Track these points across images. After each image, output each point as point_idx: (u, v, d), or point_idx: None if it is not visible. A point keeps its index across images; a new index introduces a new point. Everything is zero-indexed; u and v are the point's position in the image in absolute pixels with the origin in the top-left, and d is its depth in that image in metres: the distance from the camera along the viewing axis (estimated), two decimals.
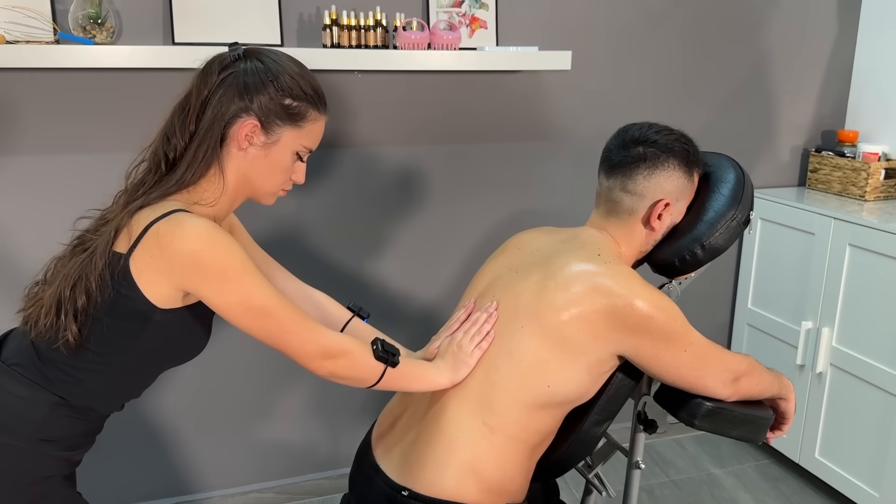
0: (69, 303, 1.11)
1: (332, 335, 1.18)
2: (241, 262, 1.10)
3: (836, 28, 2.61)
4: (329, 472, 2.42)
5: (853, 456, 2.25)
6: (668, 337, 1.21)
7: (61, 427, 1.18)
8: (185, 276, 1.08)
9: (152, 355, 1.19)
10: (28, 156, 1.91)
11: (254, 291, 1.11)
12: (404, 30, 1.97)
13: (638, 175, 1.32)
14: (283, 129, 1.18)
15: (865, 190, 2.43)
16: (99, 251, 1.11)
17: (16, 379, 1.15)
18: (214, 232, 1.09)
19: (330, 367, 1.17)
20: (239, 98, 1.14)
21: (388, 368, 1.22)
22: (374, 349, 1.22)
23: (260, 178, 1.20)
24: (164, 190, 1.14)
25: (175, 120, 1.17)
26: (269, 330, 1.13)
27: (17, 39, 1.75)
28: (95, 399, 1.20)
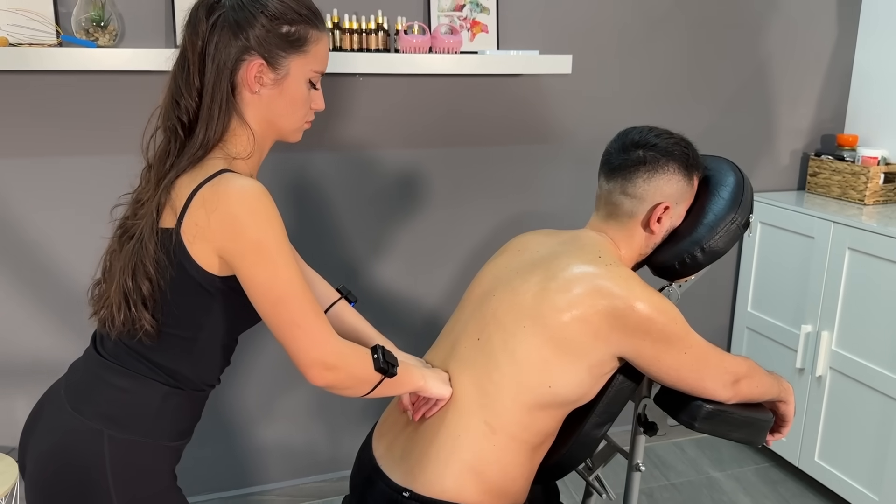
0: (134, 293, 1.09)
1: (338, 344, 1.12)
2: (277, 239, 1.06)
3: (836, 32, 2.62)
4: (330, 474, 2.43)
5: (853, 459, 2.25)
6: (668, 339, 1.22)
7: (173, 416, 1.17)
8: (224, 241, 1.05)
9: (228, 322, 1.17)
10: (31, 158, 1.92)
11: (281, 273, 1.06)
12: (406, 33, 1.98)
13: (638, 178, 1.33)
14: (289, 60, 1.12)
15: (865, 194, 2.44)
16: (146, 234, 1.08)
17: (121, 374, 1.14)
18: (261, 198, 1.05)
19: (329, 378, 1.11)
20: (234, 38, 1.08)
21: (385, 378, 1.19)
22: (374, 359, 1.17)
23: (282, 117, 1.16)
24: (192, 155, 1.09)
25: (178, 81, 1.11)
26: (282, 319, 1.07)
27: (21, 42, 1.76)
28: (195, 377, 1.18)
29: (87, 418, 1.12)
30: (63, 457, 1.13)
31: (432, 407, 1.29)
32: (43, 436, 1.16)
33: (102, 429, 1.11)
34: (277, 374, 2.28)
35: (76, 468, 1.12)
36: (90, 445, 1.11)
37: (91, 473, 1.11)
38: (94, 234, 2.00)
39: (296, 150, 2.11)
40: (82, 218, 1.99)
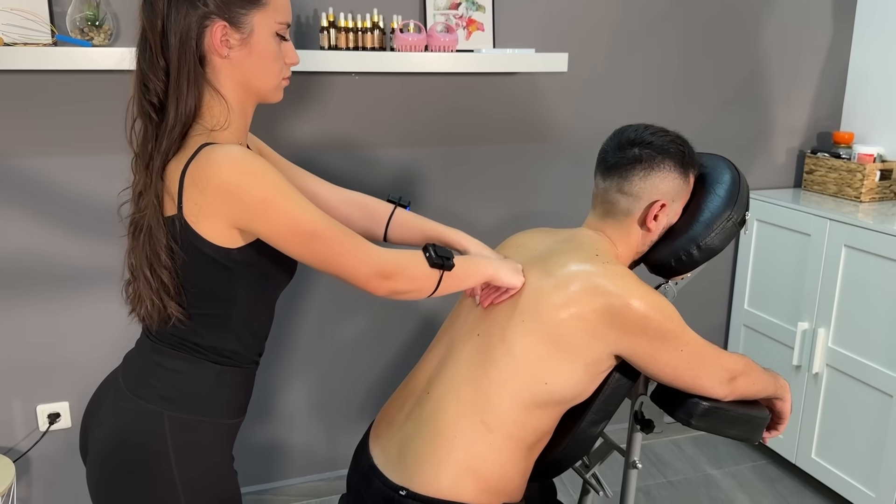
0: (156, 283, 1.11)
1: (384, 253, 1.13)
2: (279, 187, 1.06)
3: (832, 30, 2.62)
4: (327, 473, 2.43)
5: (849, 456, 2.26)
6: (664, 337, 1.22)
7: (227, 393, 1.20)
8: (229, 211, 1.05)
9: (258, 292, 1.18)
10: (27, 158, 1.91)
11: (298, 215, 1.07)
12: (401, 32, 1.98)
13: (634, 176, 1.33)
14: (250, 16, 1.11)
15: (861, 191, 2.44)
16: (154, 224, 1.09)
17: (174, 356, 1.16)
18: (245, 157, 1.05)
19: (388, 287, 1.14)
20: (192, 8, 1.07)
21: (444, 273, 1.20)
22: (427, 257, 1.18)
23: (256, 77, 1.15)
24: (170, 133, 1.08)
25: (142, 64, 1.10)
26: (320, 253, 1.09)
27: (15, 42, 1.75)
28: (242, 352, 1.21)
29: (147, 401, 1.15)
30: (125, 439, 1.15)
31: (501, 295, 1.29)
32: (104, 420, 1.19)
33: (162, 410, 1.14)
34: (275, 373, 2.28)
35: (138, 449, 1.14)
36: (151, 426, 1.14)
37: (153, 454, 1.14)
38: (94, 233, 2.00)
39: (291, 148, 2.11)
40: (79, 217, 1.98)
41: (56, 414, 2.08)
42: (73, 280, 2.02)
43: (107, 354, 2.09)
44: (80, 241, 2.00)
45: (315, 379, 2.33)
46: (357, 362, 2.37)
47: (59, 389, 2.08)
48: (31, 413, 2.07)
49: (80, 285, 2.03)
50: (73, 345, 2.06)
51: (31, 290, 1.99)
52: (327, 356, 2.32)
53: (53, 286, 2.01)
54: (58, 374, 2.07)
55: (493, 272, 1.26)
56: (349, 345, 2.34)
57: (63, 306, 2.03)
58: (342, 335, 2.32)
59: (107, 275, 2.04)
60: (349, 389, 2.38)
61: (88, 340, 2.07)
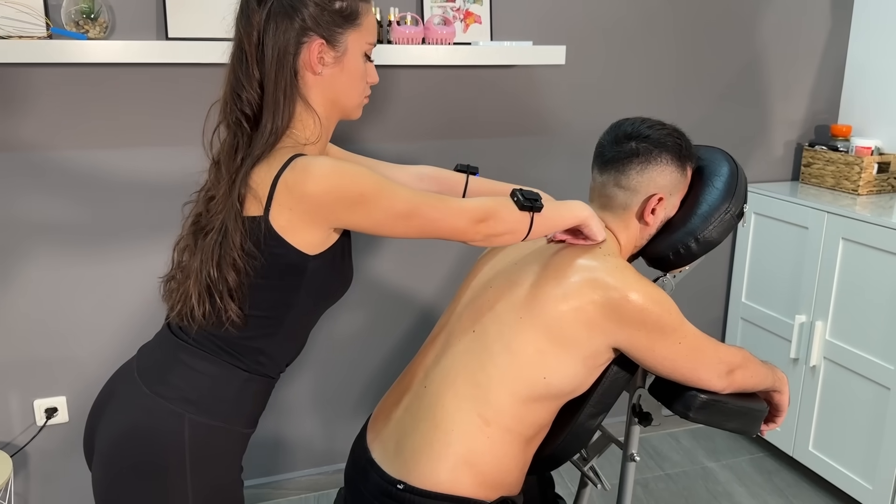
0: (220, 284, 1.11)
1: (474, 203, 1.17)
2: (372, 181, 1.09)
3: (830, 23, 2.62)
4: (325, 467, 2.43)
5: (847, 449, 2.26)
6: (662, 330, 1.22)
7: (249, 401, 1.20)
8: (331, 214, 1.08)
9: (315, 300, 1.20)
10: (22, 152, 1.90)
11: (394, 201, 1.10)
12: (398, 24, 1.97)
13: (631, 170, 1.32)
14: (346, 35, 1.15)
15: (858, 184, 2.44)
16: (230, 225, 1.09)
17: (204, 359, 1.16)
18: (337, 164, 1.08)
19: (484, 231, 1.17)
20: (291, 22, 1.10)
21: (535, 215, 1.22)
22: (515, 201, 1.21)
23: (344, 94, 1.18)
24: (264, 143, 1.11)
25: (238, 74, 1.12)
26: (421, 227, 1.13)
27: (10, 34, 1.74)
28: (278, 359, 1.22)
29: (168, 400, 1.14)
30: (140, 438, 1.14)
31: (581, 240, 1.30)
32: (116, 416, 1.17)
33: (184, 412, 1.13)
34: None
35: (153, 449, 1.13)
36: (171, 427, 1.13)
37: (169, 455, 1.13)
38: (92, 229, 1.99)
39: None
40: (78, 213, 1.97)
41: (53, 408, 2.08)
42: (70, 275, 2.01)
43: (105, 349, 2.09)
44: (77, 237, 1.99)
45: (313, 373, 2.33)
46: (354, 356, 2.36)
47: (57, 384, 2.08)
48: (29, 407, 2.07)
49: (78, 280, 2.02)
50: (70, 339, 2.06)
51: (27, 284, 1.99)
52: (325, 350, 2.32)
53: (50, 281, 2.00)
54: (55, 368, 2.06)
55: (587, 215, 1.27)
56: (346, 338, 2.34)
57: (60, 301, 2.02)
58: (339, 329, 2.32)
59: (105, 270, 2.03)
60: (347, 383, 2.38)
61: (86, 335, 2.06)
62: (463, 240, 1.18)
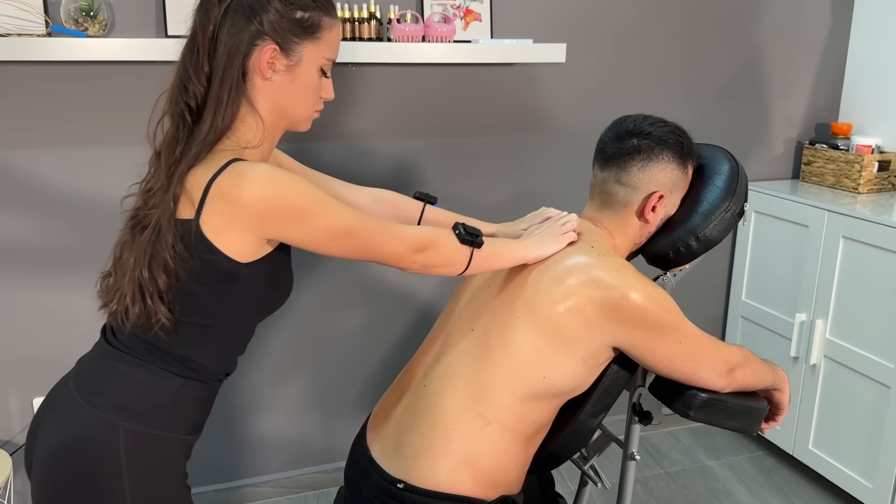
0: (150, 285, 1.08)
1: (414, 231, 1.17)
2: (310, 195, 1.08)
3: (830, 21, 2.61)
4: (324, 465, 2.43)
5: (846, 447, 2.26)
6: (662, 329, 1.22)
7: (188, 408, 1.17)
8: (264, 225, 1.06)
9: (248, 310, 1.17)
10: (21, 150, 1.90)
11: (332, 218, 1.09)
12: (398, 22, 1.97)
13: (632, 167, 1.32)
14: (302, 46, 1.13)
15: (859, 182, 2.44)
16: (164, 225, 1.07)
17: (136, 364, 1.13)
18: (275, 173, 1.05)
19: (422, 261, 1.17)
20: (248, 23, 1.08)
21: (475, 250, 1.22)
22: (456, 234, 1.21)
23: (292, 104, 1.16)
24: (202, 142, 1.08)
25: (187, 65, 1.10)
26: (356, 247, 1.13)
27: (9, 32, 1.74)
28: (210, 367, 1.18)
29: (101, 410, 1.11)
30: (75, 450, 1.11)
31: None
32: (53, 430, 1.14)
33: (117, 421, 1.10)
34: (272, 365, 2.28)
35: (89, 461, 1.10)
36: (105, 437, 1.10)
37: (105, 466, 1.10)
38: (91, 227, 1.99)
39: (287, 141, 2.10)
40: (76, 210, 1.97)
41: None
42: (70, 273, 2.01)
43: None
44: (77, 235, 1.99)
45: (312, 371, 2.33)
46: (354, 354, 2.36)
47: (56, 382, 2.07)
48: (28, 406, 2.07)
49: (78, 278, 2.02)
50: (70, 337, 2.05)
51: (27, 283, 1.98)
52: (324, 348, 2.32)
53: (50, 279, 2.00)
54: (54, 366, 2.06)
55: (524, 254, 1.27)
56: (346, 337, 2.33)
57: (59, 299, 2.02)
58: (339, 327, 2.32)
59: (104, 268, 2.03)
60: (346, 381, 2.38)
61: (86, 333, 2.06)
62: (399, 266, 1.17)
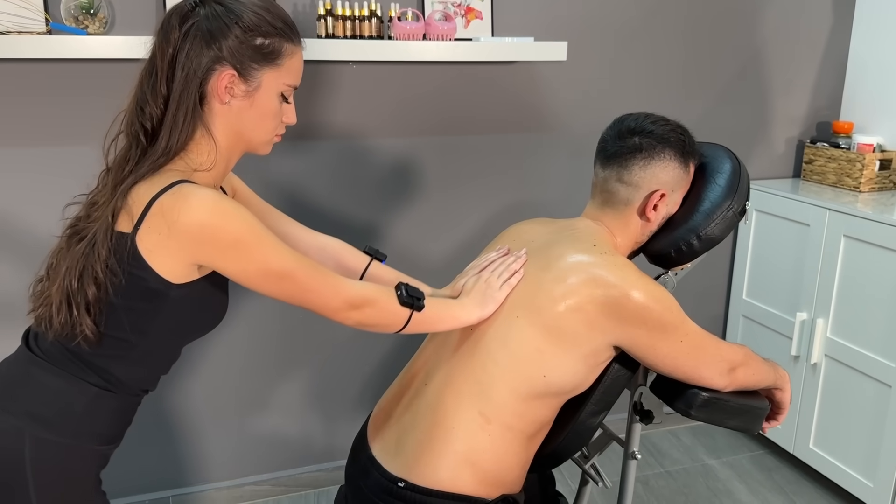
0: (79, 296, 1.07)
1: (354, 286, 1.16)
2: (252, 229, 1.06)
3: (832, 19, 2.61)
4: (325, 464, 2.42)
5: (847, 446, 2.26)
6: (664, 327, 1.21)
7: (103, 419, 1.15)
8: (198, 251, 1.05)
9: (174, 331, 1.16)
10: (21, 148, 1.90)
11: (270, 256, 1.08)
12: (399, 20, 1.96)
13: (634, 165, 1.32)
14: (261, 72, 1.11)
15: (860, 181, 2.44)
16: (100, 237, 1.06)
17: (53, 373, 1.12)
18: (220, 201, 1.05)
19: (357, 318, 1.16)
20: (207, 48, 1.07)
21: (414, 312, 1.21)
22: (398, 294, 1.20)
23: (250, 129, 1.15)
24: (153, 162, 1.08)
25: (145, 87, 1.10)
26: (290, 292, 1.11)
27: (9, 30, 1.74)
28: (128, 382, 1.16)
29: (12, 415, 1.10)
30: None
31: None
32: None
33: (24, 427, 1.09)
34: (273, 363, 2.28)
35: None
36: (11, 443, 1.09)
37: (9, 472, 1.09)
38: None
39: (288, 139, 2.09)
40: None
41: None
42: None
43: None
44: None
45: (313, 369, 2.33)
46: (355, 353, 2.36)
47: None
48: None
49: None
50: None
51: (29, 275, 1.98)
52: (325, 347, 2.32)
53: None
54: None
55: (465, 318, 1.26)
56: (347, 335, 2.33)
57: None
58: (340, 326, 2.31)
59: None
60: (347, 380, 2.38)
61: None
62: (332, 319, 1.15)
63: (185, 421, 2.23)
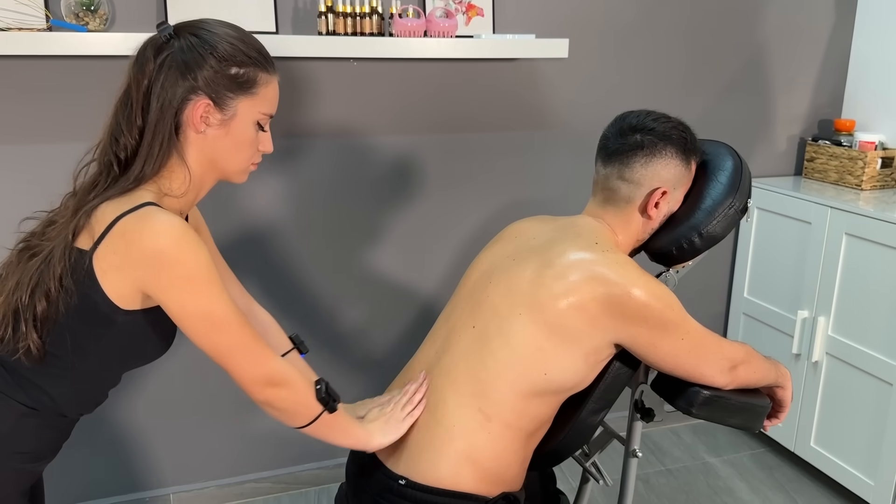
0: (28, 311, 1.06)
1: (280, 363, 1.14)
2: (207, 270, 1.05)
3: (834, 17, 2.60)
4: (326, 461, 2.42)
5: (848, 444, 2.26)
6: (665, 325, 1.21)
7: (29, 438, 1.13)
8: (147, 276, 1.04)
9: (115, 356, 1.15)
10: (21, 145, 1.90)
11: (216, 303, 1.07)
12: (400, 17, 1.96)
13: (635, 163, 1.31)
14: (236, 101, 1.12)
15: (862, 179, 2.43)
16: (57, 254, 1.06)
17: None
18: (185, 233, 1.04)
19: (269, 395, 1.13)
20: (182, 79, 1.08)
21: (325, 413, 1.19)
22: (317, 389, 1.18)
23: (225, 158, 1.15)
24: (123, 188, 1.08)
25: (119, 118, 1.11)
26: (218, 345, 1.09)
27: (9, 26, 1.73)
28: (63, 405, 1.15)
29: None
30: None
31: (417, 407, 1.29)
32: None
33: None
34: None
35: None
36: None
37: None
38: None
39: (288, 137, 2.09)
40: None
41: None
42: None
43: None
44: None
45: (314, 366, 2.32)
46: (355, 351, 2.36)
47: None
48: None
49: None
50: None
51: None
52: (325, 345, 2.32)
53: None
54: None
55: (365, 440, 1.25)
56: (347, 333, 2.33)
57: None
58: (340, 324, 2.32)
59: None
60: (347, 378, 2.37)
61: None
62: (243, 388, 1.12)
63: (185, 418, 2.23)
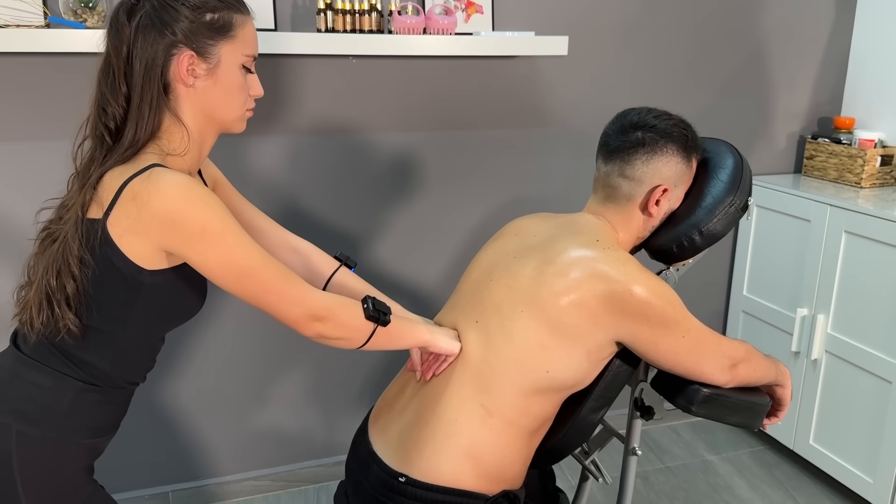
0: (58, 292, 1.08)
1: (319, 296, 1.14)
2: (221, 220, 1.06)
3: (834, 14, 2.60)
4: (325, 459, 2.42)
5: (847, 442, 2.26)
6: (665, 323, 1.21)
7: (89, 413, 1.16)
8: (164, 236, 1.05)
9: (153, 318, 1.16)
10: (18, 142, 1.89)
11: (236, 251, 1.07)
12: (399, 14, 1.95)
13: (636, 160, 1.31)
14: (218, 47, 1.12)
15: (861, 177, 2.43)
16: (70, 233, 1.07)
17: (39, 370, 1.13)
18: (192, 188, 1.04)
19: (318, 329, 1.14)
20: (160, 36, 1.08)
21: (379, 327, 1.20)
22: (364, 308, 1.19)
23: (219, 107, 1.16)
24: (121, 155, 1.08)
25: (103, 88, 1.10)
26: (252, 291, 1.09)
27: (7, 23, 1.72)
28: (115, 376, 1.17)
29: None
30: None
31: (441, 363, 1.29)
32: None
33: (12, 423, 1.11)
34: (272, 358, 2.27)
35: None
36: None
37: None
38: None
39: (288, 133, 2.09)
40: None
41: None
42: None
43: None
44: None
45: (313, 364, 2.33)
46: None
47: None
48: None
49: None
50: None
51: None
52: None
53: None
54: None
55: (428, 337, 1.26)
56: None
57: None
58: None
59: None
60: (348, 374, 2.37)
61: None
62: (292, 327, 1.14)
63: (184, 416, 2.23)
